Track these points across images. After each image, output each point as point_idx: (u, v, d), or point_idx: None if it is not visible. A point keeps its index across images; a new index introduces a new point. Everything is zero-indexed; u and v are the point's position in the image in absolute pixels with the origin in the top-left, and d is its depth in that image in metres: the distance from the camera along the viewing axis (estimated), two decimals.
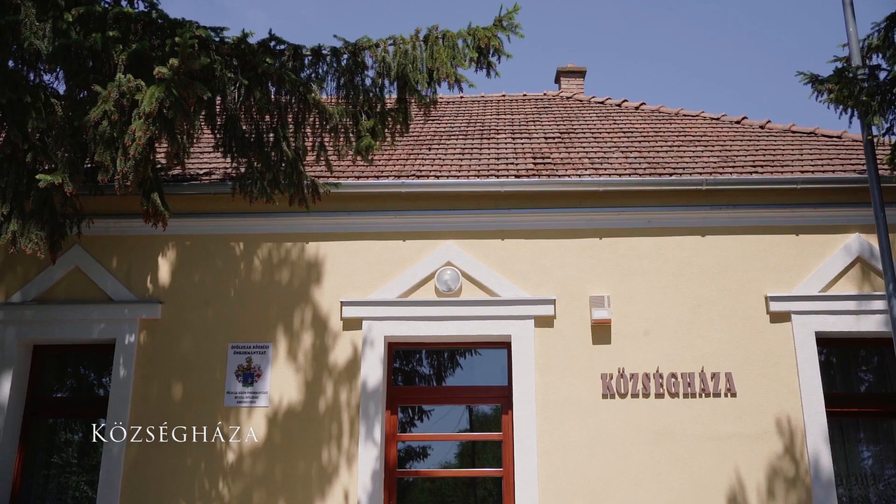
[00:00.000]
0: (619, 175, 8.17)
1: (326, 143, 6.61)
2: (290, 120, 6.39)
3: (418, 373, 8.32)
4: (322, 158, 6.57)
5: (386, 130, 6.36)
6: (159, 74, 5.43)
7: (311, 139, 6.61)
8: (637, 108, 11.42)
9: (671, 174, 8.16)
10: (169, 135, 5.52)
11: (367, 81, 6.27)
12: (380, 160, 8.83)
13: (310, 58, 6.18)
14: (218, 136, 6.43)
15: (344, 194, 7.97)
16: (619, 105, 11.67)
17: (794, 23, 29.55)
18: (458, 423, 8.06)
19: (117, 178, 5.60)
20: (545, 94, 12.71)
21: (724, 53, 31.41)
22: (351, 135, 6.33)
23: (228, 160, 7.04)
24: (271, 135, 6.40)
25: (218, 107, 6.33)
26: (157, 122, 5.41)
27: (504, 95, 12.65)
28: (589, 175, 8.17)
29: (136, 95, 5.39)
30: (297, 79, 6.04)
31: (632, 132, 10.01)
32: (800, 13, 29.00)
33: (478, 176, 8.23)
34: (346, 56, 6.21)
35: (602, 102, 11.91)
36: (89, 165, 6.20)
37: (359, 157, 6.40)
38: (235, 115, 6.12)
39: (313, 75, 6.21)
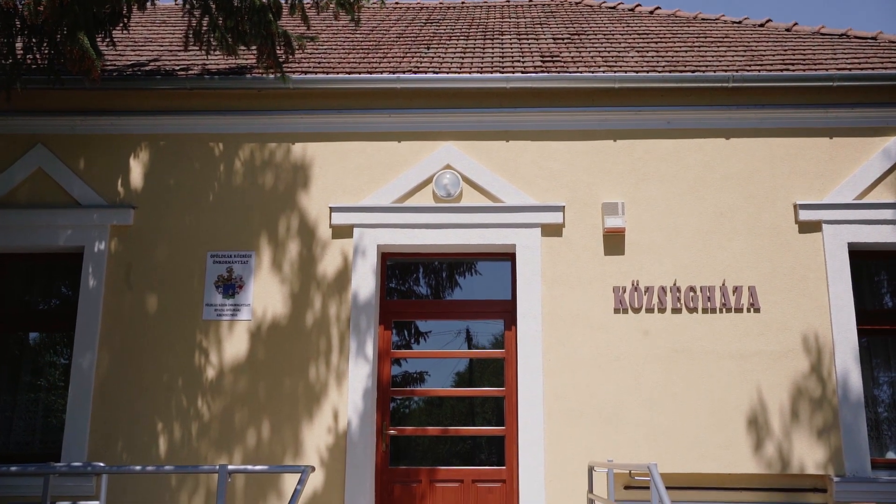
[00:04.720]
0: (636, 72, 7.43)
1: None
2: None
3: (415, 292, 7.70)
4: (297, 10, 5.73)
5: None
6: None
7: None
8: (651, 12, 10.60)
9: (693, 72, 7.42)
10: None
11: None
12: (374, 57, 8.11)
13: None
14: None
15: (334, 90, 7.34)
16: (631, 10, 10.84)
17: None
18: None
19: (27, 2, 4.74)
20: (552, 0, 11.85)
21: None
22: None
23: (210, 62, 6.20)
24: None
25: None
26: None
27: (508, 1, 11.79)
28: (602, 72, 7.44)
29: None
30: None
31: (647, 34, 9.22)
32: None
33: (480, 72, 7.49)
34: None
35: (614, 7, 11.07)
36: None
37: (342, 12, 5.58)
38: None
39: None
